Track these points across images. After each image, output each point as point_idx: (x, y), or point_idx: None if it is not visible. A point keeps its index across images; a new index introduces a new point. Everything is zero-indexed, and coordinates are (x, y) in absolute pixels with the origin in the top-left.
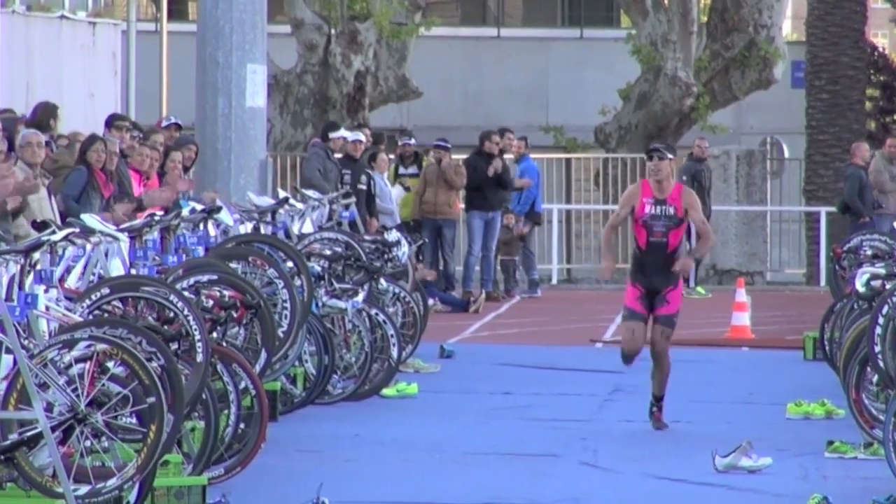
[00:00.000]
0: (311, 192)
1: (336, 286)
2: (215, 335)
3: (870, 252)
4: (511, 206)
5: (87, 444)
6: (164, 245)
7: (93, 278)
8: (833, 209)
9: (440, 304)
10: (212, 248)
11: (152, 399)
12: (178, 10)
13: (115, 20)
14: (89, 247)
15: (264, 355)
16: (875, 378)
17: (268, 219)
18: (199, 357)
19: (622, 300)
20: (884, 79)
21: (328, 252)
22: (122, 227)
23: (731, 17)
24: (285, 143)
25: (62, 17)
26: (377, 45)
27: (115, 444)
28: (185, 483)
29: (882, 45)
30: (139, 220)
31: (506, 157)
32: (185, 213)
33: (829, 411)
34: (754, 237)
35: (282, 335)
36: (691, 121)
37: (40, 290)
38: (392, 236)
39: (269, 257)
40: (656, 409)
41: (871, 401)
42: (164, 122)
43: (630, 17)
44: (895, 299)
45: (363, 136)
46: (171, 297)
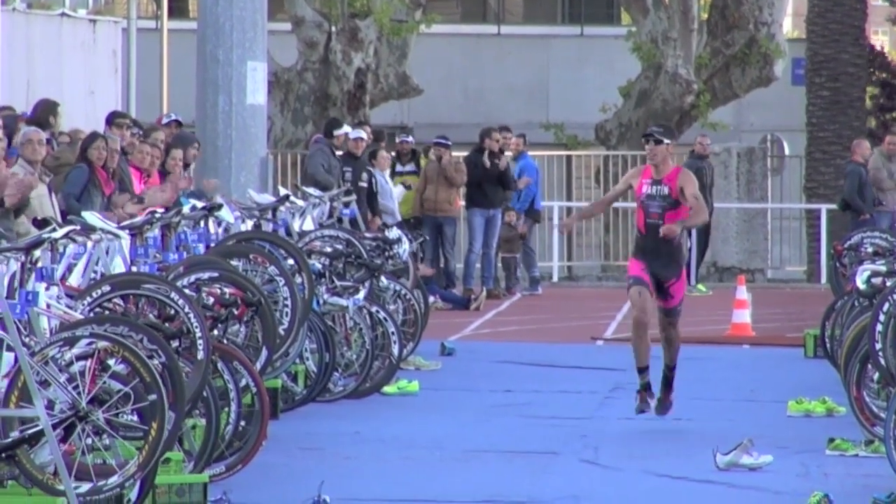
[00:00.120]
0: (312, 190)
1: (337, 284)
2: (216, 332)
3: (870, 249)
4: (511, 205)
5: (89, 441)
6: (165, 242)
7: (94, 276)
8: (834, 206)
9: (441, 301)
10: (213, 245)
11: (153, 396)
12: (178, 7)
13: (115, 18)
14: (90, 244)
15: (265, 353)
16: (876, 375)
17: (268, 216)
18: (200, 354)
19: (623, 298)
20: (884, 76)
21: (329, 249)
22: (122, 224)
23: (731, 14)
24: (286, 141)
25: (63, 15)
26: (378, 43)
27: (117, 442)
28: (186, 480)
29: (882, 42)
30: (140, 218)
31: (505, 154)
32: (185, 210)
33: (829, 409)
34: (755, 234)
35: (283, 333)
36: (692, 118)
37: (41, 287)
38: (393, 234)
39: (269, 255)
40: (670, 377)
41: (872, 398)
42: (164, 119)
43: (630, 15)
44: None
45: (365, 134)
46: (172, 295)
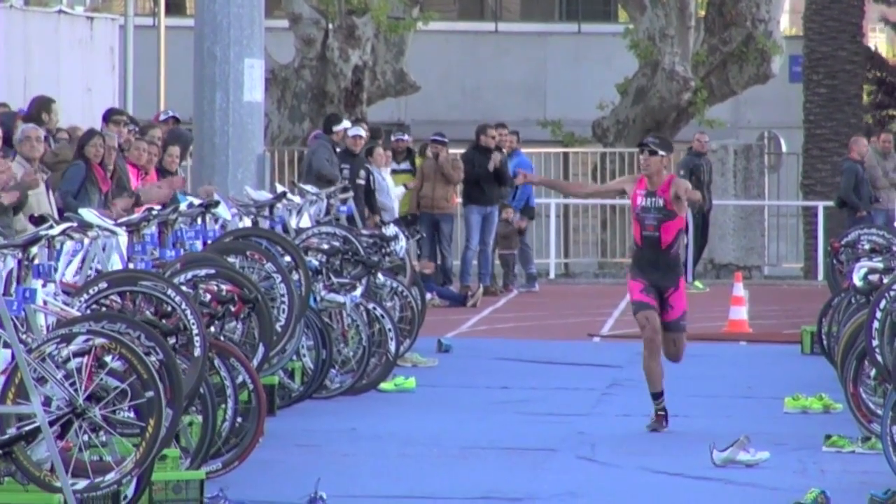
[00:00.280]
0: (309, 187)
1: (334, 280)
2: (213, 329)
3: (867, 246)
4: (506, 202)
5: (85, 438)
6: (162, 239)
7: (90, 273)
8: (831, 203)
9: (438, 298)
10: (210, 242)
11: (151, 393)
12: (175, 4)
13: (112, 15)
14: (87, 241)
15: (262, 349)
16: (873, 372)
17: (266, 213)
18: (197, 351)
19: (621, 294)
20: (880, 75)
21: (326, 246)
22: (119, 221)
23: (728, 11)
24: (283, 138)
25: (60, 12)
26: (375, 40)
27: (114, 439)
28: (182, 477)
29: (878, 39)
30: (137, 215)
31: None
32: (182, 207)
33: (826, 405)
34: (752, 231)
35: (279, 329)
36: (689, 115)
37: (38, 284)
38: (390, 231)
39: (266, 252)
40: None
41: (869, 395)
42: (161, 116)
43: (628, 12)
44: (893, 293)
45: (363, 131)
46: (169, 292)
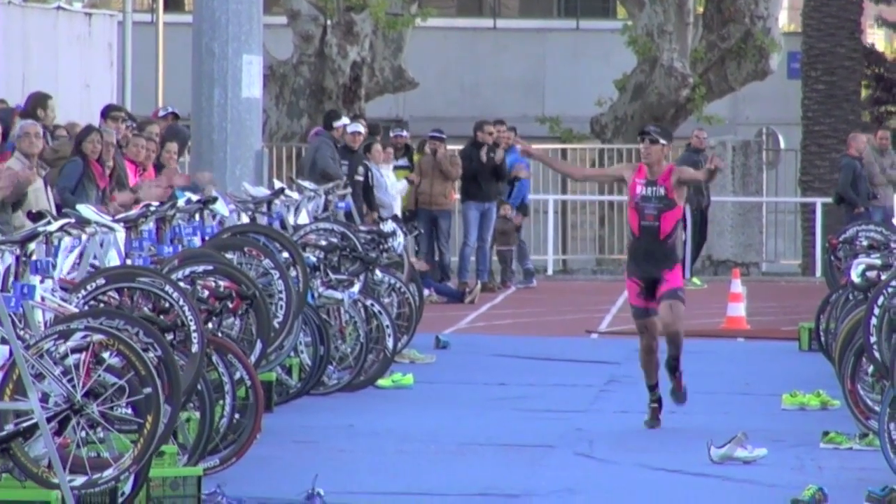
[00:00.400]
0: (307, 183)
1: (332, 277)
2: (211, 326)
3: (865, 243)
4: (503, 199)
5: (83, 434)
6: (160, 235)
7: (88, 269)
8: (829, 200)
9: (436, 294)
10: (208, 238)
11: (149, 390)
12: (173, 1)
13: (111, 11)
14: (85, 237)
15: (260, 346)
16: (870, 369)
17: (264, 209)
18: (195, 348)
19: (618, 291)
20: (878, 71)
21: (324, 243)
22: (117, 217)
23: (727, 7)
24: (281, 134)
25: (58, 8)
26: (373, 36)
27: (111, 435)
28: (180, 474)
29: (877, 36)
30: (135, 211)
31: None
32: (180, 203)
33: (824, 402)
34: (750, 228)
35: (277, 326)
36: (687, 111)
37: (36, 280)
38: (388, 227)
39: (264, 248)
40: (679, 374)
41: (867, 391)
42: (160, 112)
43: (626, 8)
44: (890, 290)
45: (362, 128)
46: (167, 288)
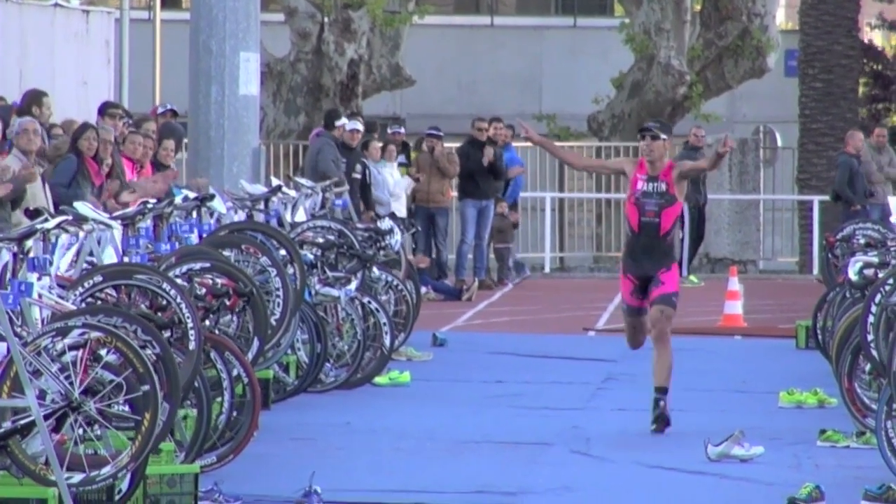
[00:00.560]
0: (304, 181)
1: (329, 274)
2: (208, 323)
3: (862, 241)
4: (499, 196)
5: (81, 432)
6: (157, 233)
7: (85, 266)
8: (826, 198)
9: (433, 292)
10: (205, 236)
11: (146, 387)
12: None
13: (108, 8)
14: (82, 235)
15: (257, 343)
16: (867, 367)
17: (261, 207)
18: (192, 345)
19: (615, 289)
20: (877, 68)
21: (321, 240)
22: (114, 215)
23: (724, 5)
24: (278, 132)
25: (55, 5)
26: (370, 34)
27: (109, 433)
28: (177, 471)
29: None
30: (132, 208)
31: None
32: (178, 201)
33: (821, 400)
34: (747, 226)
35: (274, 323)
36: (684, 109)
37: (33, 277)
38: (385, 225)
39: (261, 245)
40: (663, 403)
41: (864, 390)
42: (160, 109)
43: (623, 6)
44: (888, 288)
45: (360, 125)
46: (164, 285)
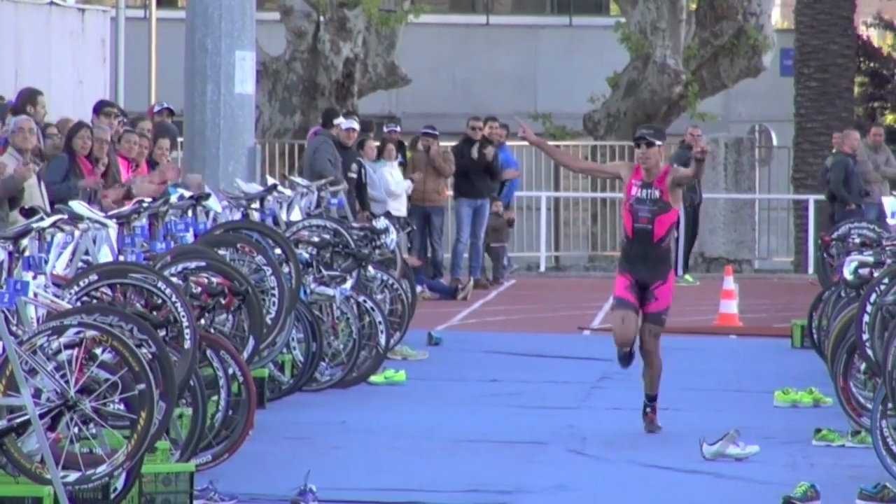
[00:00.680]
0: (300, 179)
1: (324, 273)
2: (203, 322)
3: (858, 240)
4: (495, 195)
5: (76, 430)
6: (153, 232)
7: (81, 265)
8: (821, 197)
9: (428, 291)
10: (200, 235)
11: (142, 386)
12: None
13: (103, 7)
14: (77, 233)
15: (252, 342)
16: (863, 366)
17: (256, 206)
18: (187, 344)
19: (611, 288)
20: (873, 66)
21: (316, 239)
22: (110, 213)
23: (720, 4)
24: (274, 131)
25: (51, 4)
26: (366, 33)
27: (105, 431)
28: (172, 470)
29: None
30: (127, 207)
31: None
32: (173, 199)
33: (816, 399)
34: (742, 225)
35: (270, 322)
36: (680, 108)
37: (29, 276)
38: (380, 224)
39: (257, 244)
40: (650, 410)
41: (859, 389)
42: (156, 108)
43: (619, 5)
44: (883, 287)
45: (356, 124)
46: (159, 284)
